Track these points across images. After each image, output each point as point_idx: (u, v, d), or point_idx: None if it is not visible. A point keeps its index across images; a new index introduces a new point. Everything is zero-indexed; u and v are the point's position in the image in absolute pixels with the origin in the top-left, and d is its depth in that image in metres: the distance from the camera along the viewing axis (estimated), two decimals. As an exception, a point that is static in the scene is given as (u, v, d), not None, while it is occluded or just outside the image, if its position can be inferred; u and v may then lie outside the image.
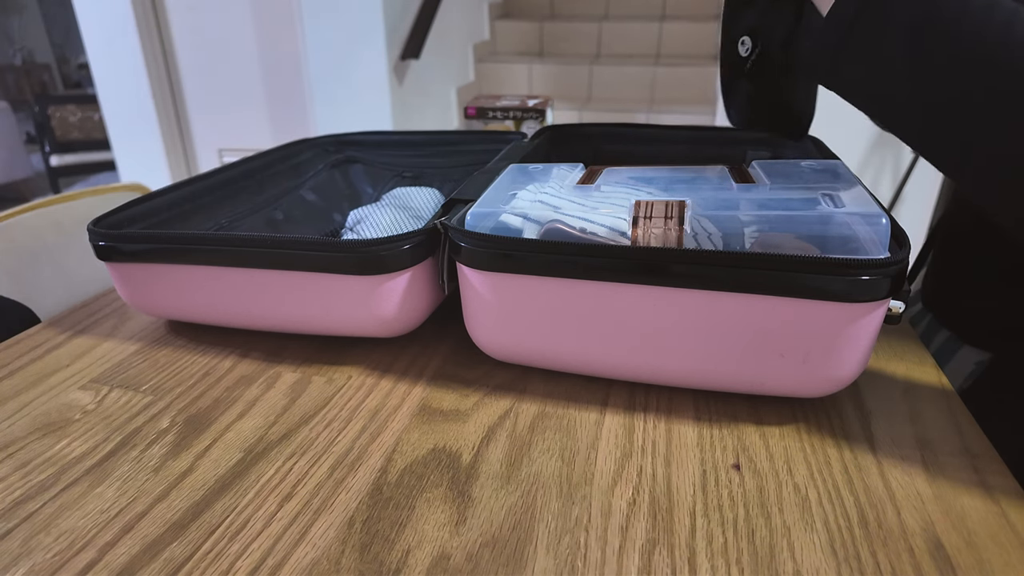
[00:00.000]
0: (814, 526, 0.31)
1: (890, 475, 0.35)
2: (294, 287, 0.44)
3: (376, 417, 0.40)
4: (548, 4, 3.18)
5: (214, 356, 0.48)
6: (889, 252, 0.35)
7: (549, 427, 0.39)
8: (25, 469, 0.37)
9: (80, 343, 0.50)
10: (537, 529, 0.32)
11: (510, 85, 2.93)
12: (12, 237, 0.74)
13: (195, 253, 0.45)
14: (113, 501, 0.34)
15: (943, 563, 0.29)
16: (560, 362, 0.42)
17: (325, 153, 0.74)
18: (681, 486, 0.34)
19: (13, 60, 5.53)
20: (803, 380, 0.37)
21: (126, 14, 2.23)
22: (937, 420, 0.39)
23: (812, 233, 0.36)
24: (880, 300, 0.34)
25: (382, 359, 0.47)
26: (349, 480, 0.35)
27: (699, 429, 0.38)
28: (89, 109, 3.64)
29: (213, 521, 0.33)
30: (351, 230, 0.60)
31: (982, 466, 0.35)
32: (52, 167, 3.67)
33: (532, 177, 0.47)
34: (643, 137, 0.65)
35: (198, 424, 0.40)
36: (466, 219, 0.42)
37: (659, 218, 0.37)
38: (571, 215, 0.39)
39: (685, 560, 0.30)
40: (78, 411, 0.42)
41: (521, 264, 0.38)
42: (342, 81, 2.22)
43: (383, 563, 0.30)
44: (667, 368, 0.40)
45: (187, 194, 0.57)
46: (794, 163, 0.45)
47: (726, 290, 0.35)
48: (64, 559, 0.31)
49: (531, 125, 1.02)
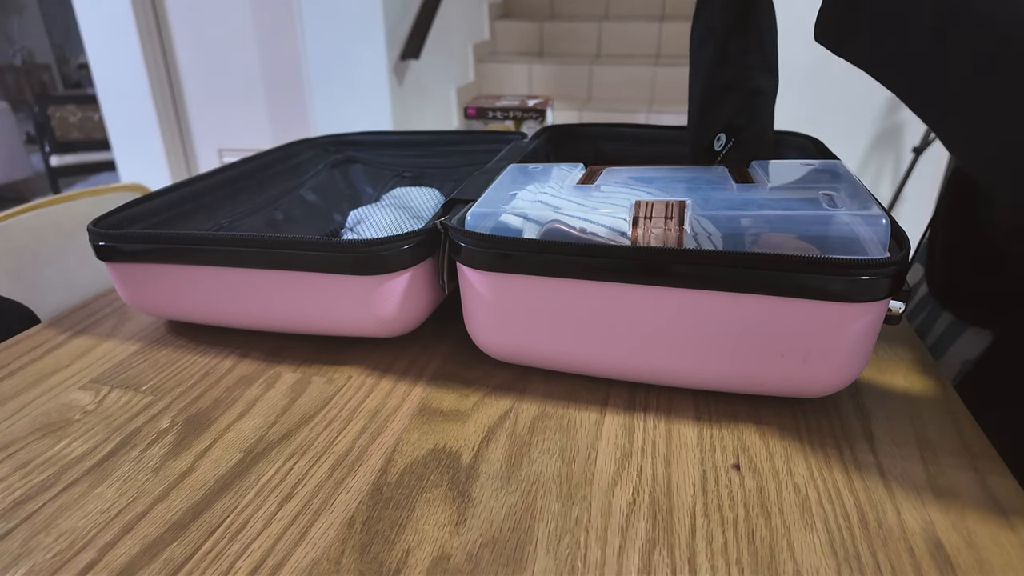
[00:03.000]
0: (814, 526, 0.31)
1: (890, 475, 0.35)
2: (294, 287, 0.44)
3: (376, 417, 0.40)
4: (548, 4, 3.18)
5: (214, 356, 0.48)
6: (889, 252, 0.35)
7: (549, 427, 0.39)
8: (25, 469, 0.37)
9: (80, 343, 0.50)
10: (537, 529, 0.32)
11: (510, 85, 2.93)
12: (12, 237, 0.74)
13: (195, 253, 0.45)
14: (113, 501, 0.34)
15: (943, 563, 0.29)
16: (560, 362, 0.42)
17: (325, 153, 0.74)
18: (681, 486, 0.34)
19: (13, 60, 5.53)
20: (803, 380, 0.37)
21: (126, 14, 2.23)
22: (937, 420, 0.39)
23: (812, 233, 0.36)
24: (880, 300, 0.34)
25: (382, 359, 0.47)
26: (349, 480, 0.35)
27: (699, 429, 0.38)
28: (89, 109, 3.64)
29: (213, 521, 0.33)
30: (351, 230, 0.60)
31: (982, 466, 0.35)
32: (52, 167, 3.67)
33: (532, 177, 0.47)
34: (643, 137, 0.65)
35: (198, 424, 0.40)
36: (466, 219, 0.42)
37: (659, 218, 0.37)
38: (571, 215, 0.39)
39: (685, 560, 0.30)
40: (78, 411, 0.42)
41: (521, 264, 0.38)
42: (342, 81, 2.22)
43: (383, 563, 0.30)
44: (667, 368, 0.40)
45: (187, 194, 0.57)
46: (794, 163, 0.46)
47: (726, 290, 0.35)
48: (64, 559, 0.31)
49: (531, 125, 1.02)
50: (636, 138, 0.65)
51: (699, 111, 0.53)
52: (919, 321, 0.58)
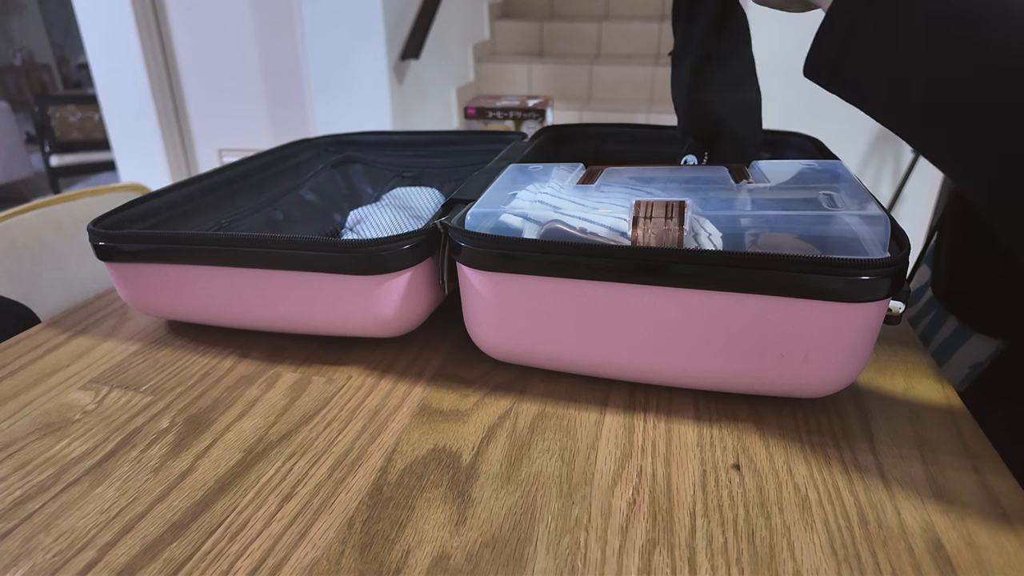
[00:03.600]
0: (814, 526, 0.31)
1: (890, 475, 0.35)
2: (294, 287, 0.44)
3: (376, 417, 0.40)
4: (548, 4, 3.18)
5: (214, 356, 0.48)
6: (889, 252, 0.35)
7: (549, 427, 0.39)
8: (25, 469, 0.37)
9: (80, 343, 0.50)
10: (537, 529, 0.32)
11: (510, 85, 2.93)
12: (12, 237, 0.74)
13: (195, 253, 0.45)
14: (113, 501, 0.34)
15: (943, 563, 0.29)
16: (560, 362, 0.42)
17: (325, 153, 0.74)
18: (681, 486, 0.34)
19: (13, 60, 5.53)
20: (803, 380, 0.37)
21: (126, 14, 2.23)
22: (937, 420, 0.39)
23: (812, 233, 0.36)
24: (880, 300, 0.34)
25: (382, 359, 0.47)
26: (349, 480, 0.35)
27: (699, 429, 0.38)
28: (89, 109, 3.64)
29: (213, 521, 0.33)
30: (351, 230, 0.60)
31: (982, 466, 0.35)
32: (52, 167, 3.67)
33: (532, 177, 0.47)
34: (643, 137, 0.65)
35: (198, 424, 0.40)
36: (466, 219, 0.42)
37: (659, 218, 0.37)
38: (571, 215, 0.39)
39: (685, 560, 0.30)
40: (78, 411, 0.42)
41: (521, 264, 0.38)
42: (342, 81, 2.22)
43: (383, 563, 0.30)
44: (667, 368, 0.40)
45: (187, 194, 0.57)
46: (794, 163, 0.46)
47: (726, 290, 0.35)
48: (64, 559, 0.31)
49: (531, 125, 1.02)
50: (636, 138, 0.65)
51: (680, 127, 0.56)
52: (924, 325, 0.58)
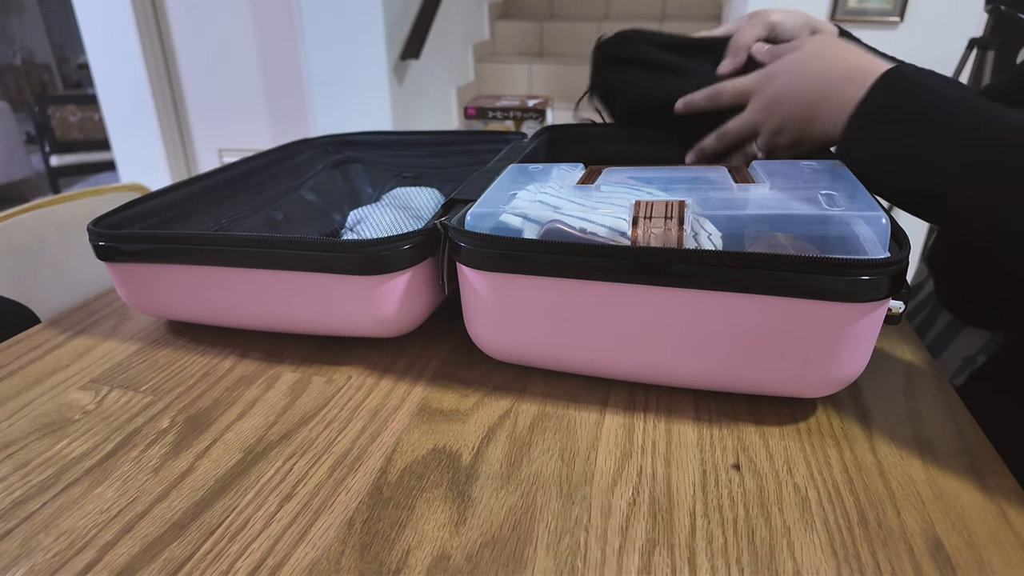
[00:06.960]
0: (814, 526, 0.31)
1: (890, 475, 0.35)
2: (294, 287, 0.44)
3: (376, 417, 0.40)
4: (548, 4, 3.18)
5: (214, 356, 0.48)
6: (889, 252, 0.35)
7: (549, 427, 0.39)
8: (25, 469, 0.37)
9: (80, 343, 0.50)
10: (537, 529, 0.32)
11: (510, 85, 2.93)
12: (12, 237, 0.74)
13: (195, 253, 0.45)
14: (113, 501, 0.34)
15: (943, 563, 0.29)
16: (560, 362, 0.42)
17: (325, 153, 0.74)
18: (681, 486, 0.34)
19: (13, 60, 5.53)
20: (803, 380, 0.37)
21: (126, 14, 2.23)
22: (937, 420, 0.39)
23: (812, 233, 0.36)
24: (880, 300, 0.34)
25: (382, 359, 0.47)
26: (349, 480, 0.35)
27: (699, 429, 0.38)
28: (89, 109, 3.64)
29: (213, 521, 0.33)
30: (351, 230, 0.60)
31: (982, 466, 0.35)
32: (52, 167, 3.67)
33: (532, 177, 0.47)
34: (643, 137, 0.65)
35: (198, 424, 0.40)
36: (466, 219, 0.42)
37: (659, 218, 0.37)
38: (571, 215, 0.39)
39: (685, 560, 0.30)
40: (78, 411, 0.42)
41: (521, 264, 0.38)
42: (342, 81, 2.22)
43: (383, 563, 0.30)
44: (667, 368, 0.40)
45: (187, 194, 0.57)
46: (794, 163, 0.45)
47: (726, 290, 0.35)
48: (64, 559, 0.31)
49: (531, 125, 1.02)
50: (636, 138, 0.65)
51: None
52: (919, 320, 0.58)
